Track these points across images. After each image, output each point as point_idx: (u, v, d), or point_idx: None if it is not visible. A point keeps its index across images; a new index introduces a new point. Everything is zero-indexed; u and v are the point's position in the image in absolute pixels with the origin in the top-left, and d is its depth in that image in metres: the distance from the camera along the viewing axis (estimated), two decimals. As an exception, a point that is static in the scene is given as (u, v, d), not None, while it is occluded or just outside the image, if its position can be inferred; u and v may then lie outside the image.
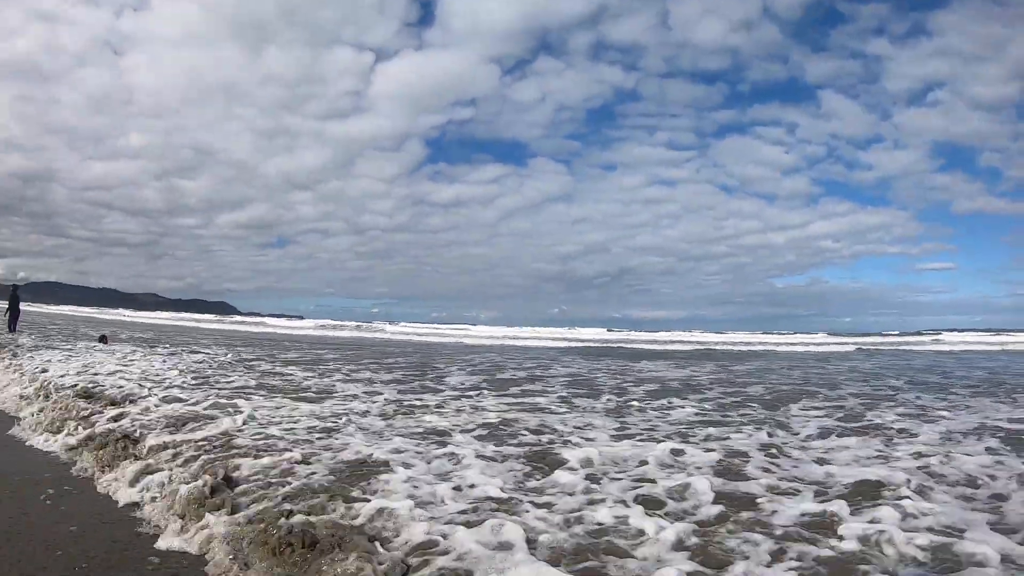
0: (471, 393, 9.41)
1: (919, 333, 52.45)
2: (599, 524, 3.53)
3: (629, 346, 29.49)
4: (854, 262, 61.31)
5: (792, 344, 34.71)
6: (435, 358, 18.22)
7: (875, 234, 56.80)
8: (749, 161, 57.93)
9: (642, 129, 57.79)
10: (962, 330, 54.19)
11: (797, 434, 6.54)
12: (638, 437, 6.12)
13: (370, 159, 70.15)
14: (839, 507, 3.79)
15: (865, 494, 4.15)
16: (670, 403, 8.70)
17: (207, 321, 50.07)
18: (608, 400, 8.96)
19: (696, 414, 7.77)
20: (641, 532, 3.41)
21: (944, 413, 7.97)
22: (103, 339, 18.98)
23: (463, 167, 69.43)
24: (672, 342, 32.82)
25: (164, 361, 12.77)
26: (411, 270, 77.12)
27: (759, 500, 4.02)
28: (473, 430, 6.32)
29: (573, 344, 28.68)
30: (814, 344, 35.52)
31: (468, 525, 3.37)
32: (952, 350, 31.67)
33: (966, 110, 47.60)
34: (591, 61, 56.78)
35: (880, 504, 3.86)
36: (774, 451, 5.51)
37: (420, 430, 6.24)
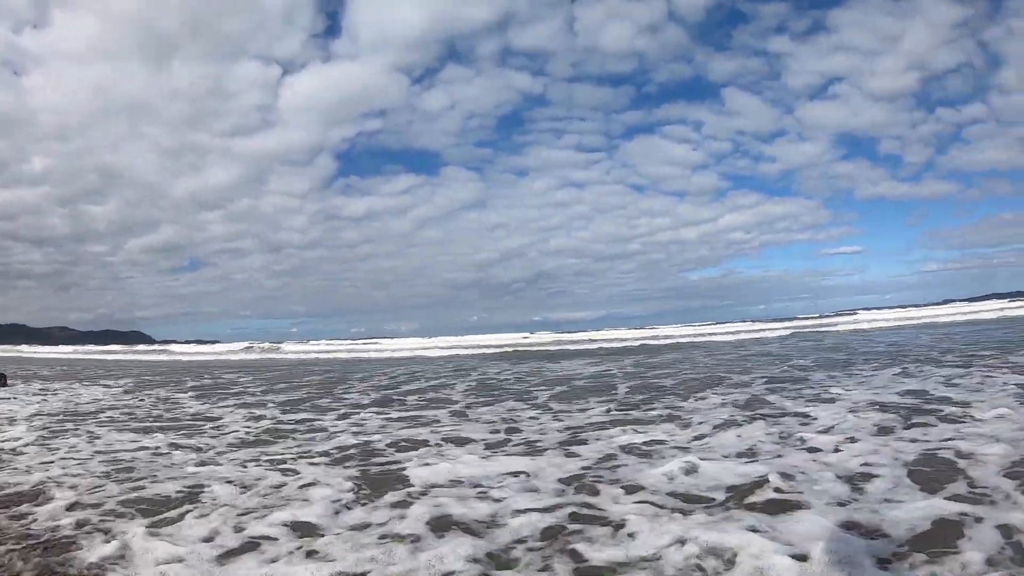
0: (363, 411, 8.55)
1: (838, 314, 55.47)
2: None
3: (551, 348, 29.29)
4: (764, 251, 64.74)
5: (716, 334, 35.57)
6: (351, 373, 17.14)
7: (783, 223, 60.17)
8: (658, 160, 59.88)
9: (551, 133, 58.72)
10: (879, 308, 57.73)
11: (688, 426, 6.13)
12: (505, 450, 5.49)
13: (280, 175, 67.32)
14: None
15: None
16: (572, 404, 8.19)
17: (117, 352, 46.14)
18: (508, 407, 8.34)
19: (595, 415, 7.26)
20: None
21: (839, 391, 7.86)
22: (2, 379, 16.67)
23: (375, 179, 68.11)
24: (593, 340, 32.92)
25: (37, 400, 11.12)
26: (328, 286, 74.53)
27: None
28: (330, 452, 5.53)
29: (494, 350, 28.13)
30: (745, 331, 36.56)
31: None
32: (870, 327, 33.31)
33: (865, 102, 51.03)
34: (499, 68, 57.09)
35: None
36: (652, 452, 5.01)
37: (266, 457, 5.38)
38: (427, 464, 4.89)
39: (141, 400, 11.12)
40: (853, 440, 4.96)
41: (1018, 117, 48.69)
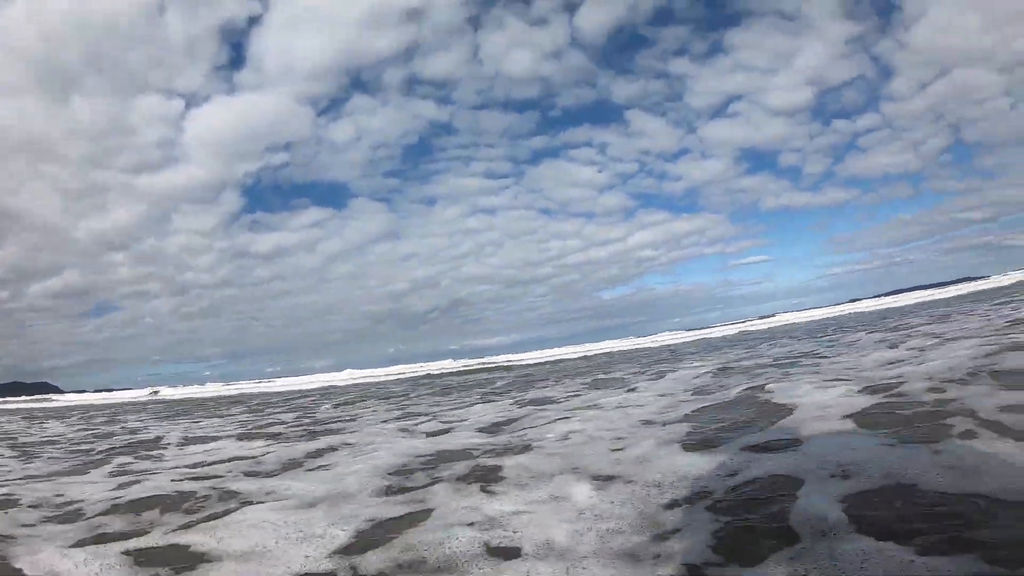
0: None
1: (761, 318, 58.72)
2: None
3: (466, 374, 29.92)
4: (675, 267, 68.24)
5: (642, 343, 37.08)
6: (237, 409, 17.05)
7: (691, 238, 63.73)
8: (565, 183, 62.39)
9: (459, 161, 59.98)
10: (793, 311, 61.51)
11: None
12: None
13: (186, 213, 65.06)
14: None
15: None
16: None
17: (19, 402, 42.77)
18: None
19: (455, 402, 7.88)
20: None
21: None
22: None
23: (282, 214, 66.93)
24: (509, 362, 33.63)
25: None
26: (241, 326, 71.93)
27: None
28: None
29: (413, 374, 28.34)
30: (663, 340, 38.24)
31: None
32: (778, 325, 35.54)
33: (765, 117, 55.38)
34: (405, 97, 58.08)
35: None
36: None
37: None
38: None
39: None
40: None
41: (910, 123, 54.27)
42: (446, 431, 5.20)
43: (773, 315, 59.90)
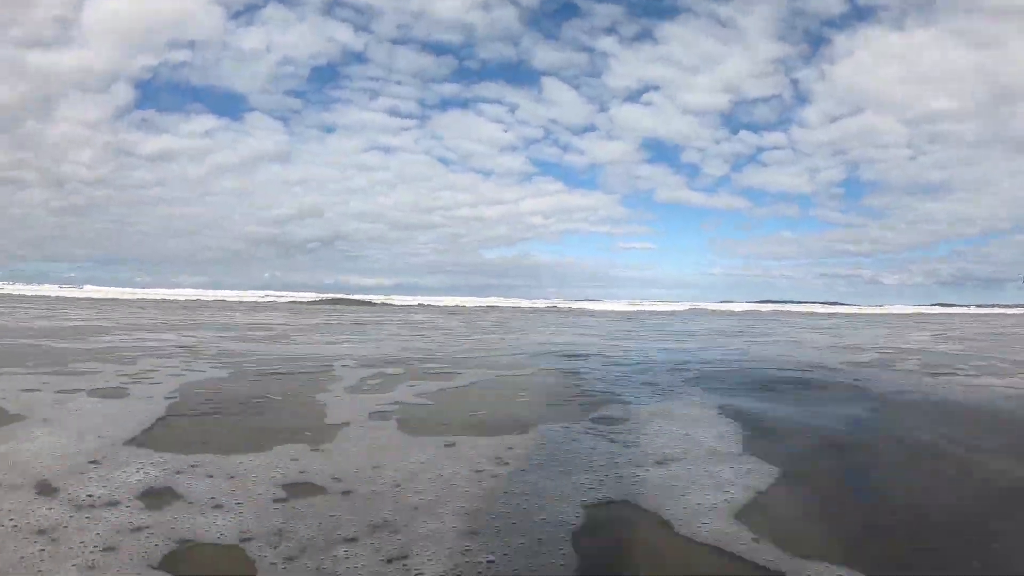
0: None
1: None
2: None
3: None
4: (562, 238, 70.65)
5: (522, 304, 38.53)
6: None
7: (582, 214, 66.12)
8: (468, 136, 61.76)
9: (365, 93, 56.87)
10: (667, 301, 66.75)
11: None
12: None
13: (73, 100, 56.11)
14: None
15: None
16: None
17: None
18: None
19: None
20: None
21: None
22: None
23: (174, 116, 59.83)
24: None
25: None
26: (115, 230, 64.11)
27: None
28: None
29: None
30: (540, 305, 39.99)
31: None
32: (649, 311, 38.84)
33: (676, 113, 57.85)
34: (323, 16, 53.51)
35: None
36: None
37: None
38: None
39: None
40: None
41: (812, 150, 58.97)
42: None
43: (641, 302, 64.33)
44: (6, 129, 59.26)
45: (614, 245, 76.02)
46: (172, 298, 32.59)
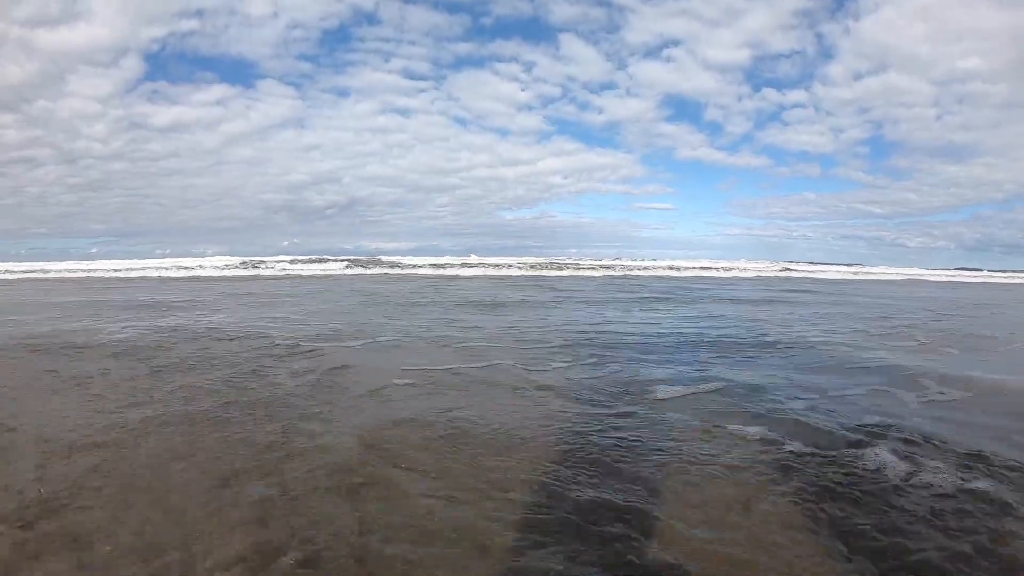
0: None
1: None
2: None
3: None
4: (581, 198, 68.79)
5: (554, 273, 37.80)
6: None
7: (601, 173, 63.97)
8: (485, 95, 59.38)
9: (378, 55, 54.65)
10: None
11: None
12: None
13: (83, 75, 55.58)
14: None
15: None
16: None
17: None
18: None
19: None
20: None
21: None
22: None
23: (185, 87, 58.81)
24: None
25: None
26: (132, 203, 64.48)
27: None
28: None
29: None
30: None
31: None
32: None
33: (697, 68, 54.68)
34: None
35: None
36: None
37: None
38: None
39: None
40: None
41: (836, 108, 55.59)
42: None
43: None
44: (17, 108, 59.34)
45: (633, 205, 73.94)
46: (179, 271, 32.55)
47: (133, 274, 26.00)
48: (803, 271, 40.16)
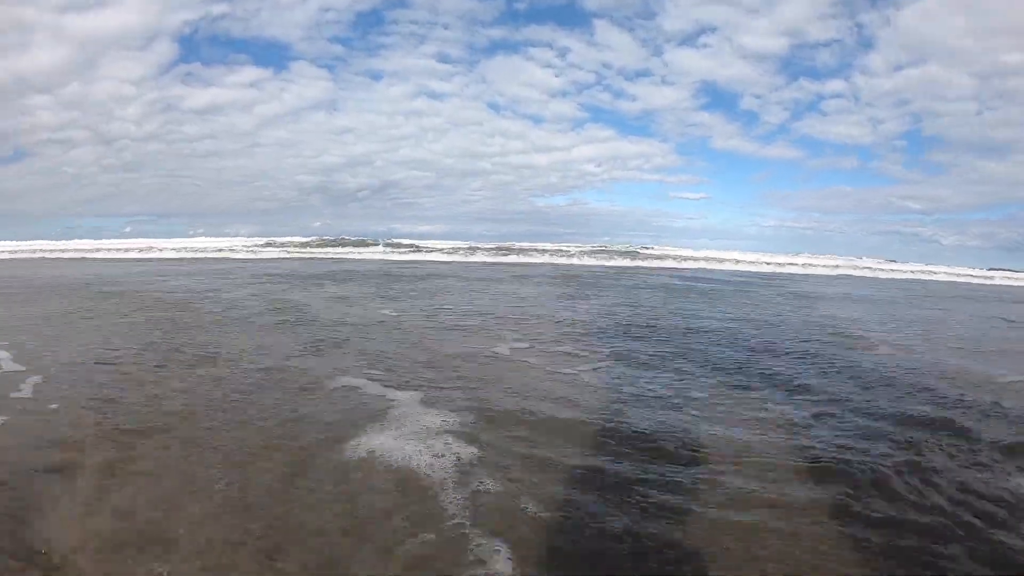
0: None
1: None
2: None
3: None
4: (614, 185, 67.82)
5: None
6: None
7: (635, 161, 62.85)
8: (518, 81, 59.13)
9: (412, 38, 55.25)
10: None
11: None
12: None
13: (115, 59, 58.75)
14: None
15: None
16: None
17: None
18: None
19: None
20: None
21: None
22: None
23: (218, 69, 61.04)
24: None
25: None
26: (166, 184, 67.56)
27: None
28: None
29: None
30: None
31: None
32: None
33: (734, 57, 53.17)
34: None
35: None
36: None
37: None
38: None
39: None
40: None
41: (874, 99, 53.13)
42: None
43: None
44: (51, 91, 62.84)
45: (666, 194, 72.73)
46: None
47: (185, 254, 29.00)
48: (865, 267, 39.27)
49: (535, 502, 3.15)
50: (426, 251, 37.29)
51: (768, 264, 35.71)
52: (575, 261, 32.90)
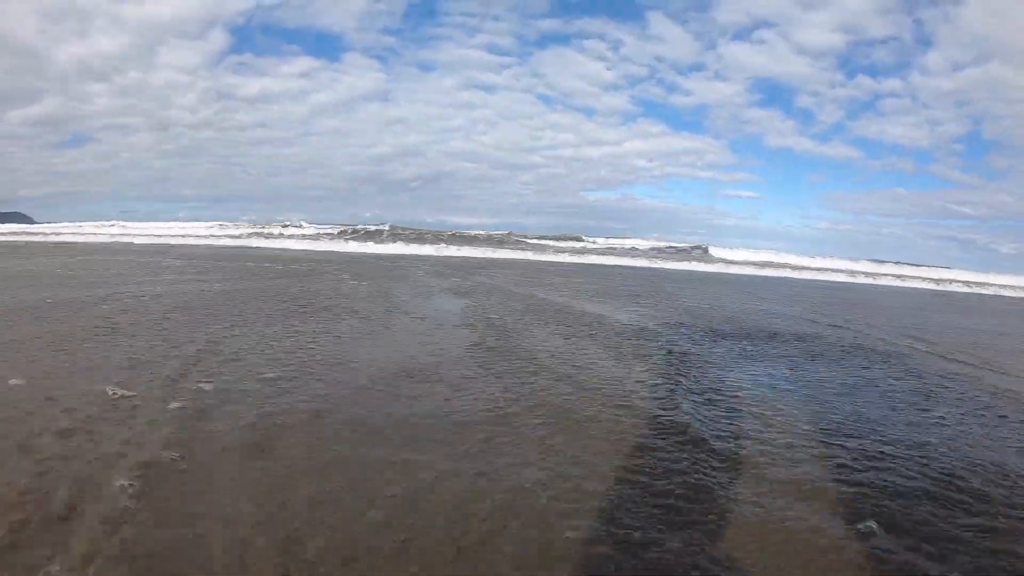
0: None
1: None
2: None
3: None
4: (664, 181, 64.68)
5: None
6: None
7: (687, 158, 59.79)
8: (570, 74, 56.80)
9: (463, 29, 53.61)
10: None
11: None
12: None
13: (172, 47, 58.74)
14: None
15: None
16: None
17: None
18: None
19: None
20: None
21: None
22: None
23: (271, 59, 60.77)
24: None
25: None
26: (219, 171, 67.36)
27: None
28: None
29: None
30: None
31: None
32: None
33: (789, 52, 49.29)
34: None
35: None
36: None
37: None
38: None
39: None
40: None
41: (933, 100, 48.29)
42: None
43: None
44: (110, 78, 62.58)
45: (719, 192, 68.70)
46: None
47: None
48: (960, 279, 34.02)
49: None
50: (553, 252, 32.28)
51: (865, 275, 30.93)
52: (662, 264, 28.75)
